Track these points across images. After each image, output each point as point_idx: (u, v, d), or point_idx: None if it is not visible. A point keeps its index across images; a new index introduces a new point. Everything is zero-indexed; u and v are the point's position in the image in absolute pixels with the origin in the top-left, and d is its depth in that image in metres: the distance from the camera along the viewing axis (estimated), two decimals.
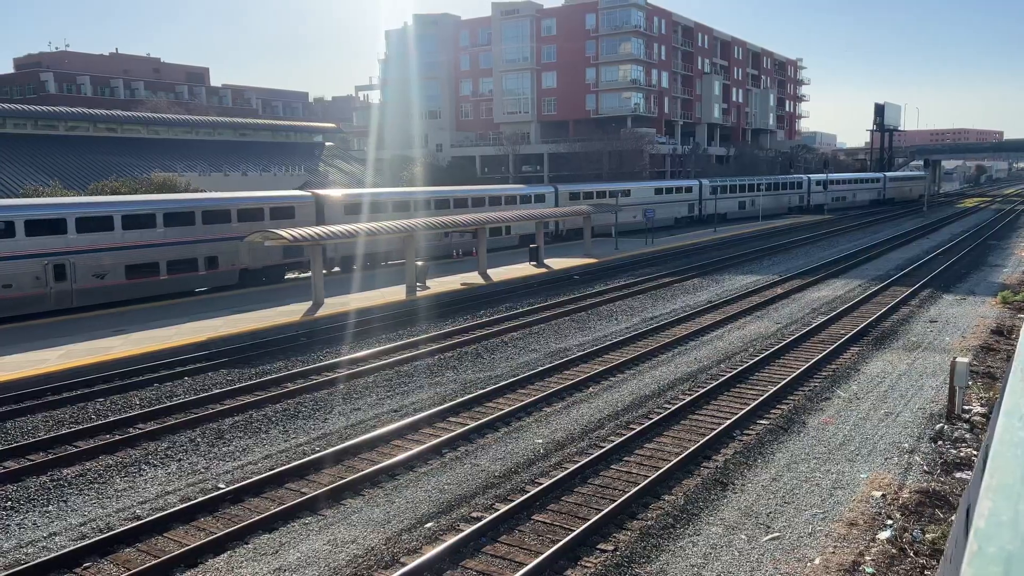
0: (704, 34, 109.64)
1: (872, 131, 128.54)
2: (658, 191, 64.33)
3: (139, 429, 16.47)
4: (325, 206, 39.17)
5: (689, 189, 69.19)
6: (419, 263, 34.20)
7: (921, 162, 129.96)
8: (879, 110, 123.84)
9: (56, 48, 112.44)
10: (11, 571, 10.48)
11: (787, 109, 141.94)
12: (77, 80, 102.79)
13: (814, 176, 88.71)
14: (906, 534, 11.29)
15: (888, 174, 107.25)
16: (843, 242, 54.26)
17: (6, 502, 13.01)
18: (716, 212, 67.29)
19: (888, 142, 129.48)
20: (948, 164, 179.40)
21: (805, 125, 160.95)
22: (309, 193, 40.19)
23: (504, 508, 12.19)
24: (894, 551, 10.82)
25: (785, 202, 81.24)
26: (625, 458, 14.48)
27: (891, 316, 27.39)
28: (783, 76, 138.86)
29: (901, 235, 58.38)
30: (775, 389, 18.11)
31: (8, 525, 12.21)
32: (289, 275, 39.16)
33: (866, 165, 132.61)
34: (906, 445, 14.98)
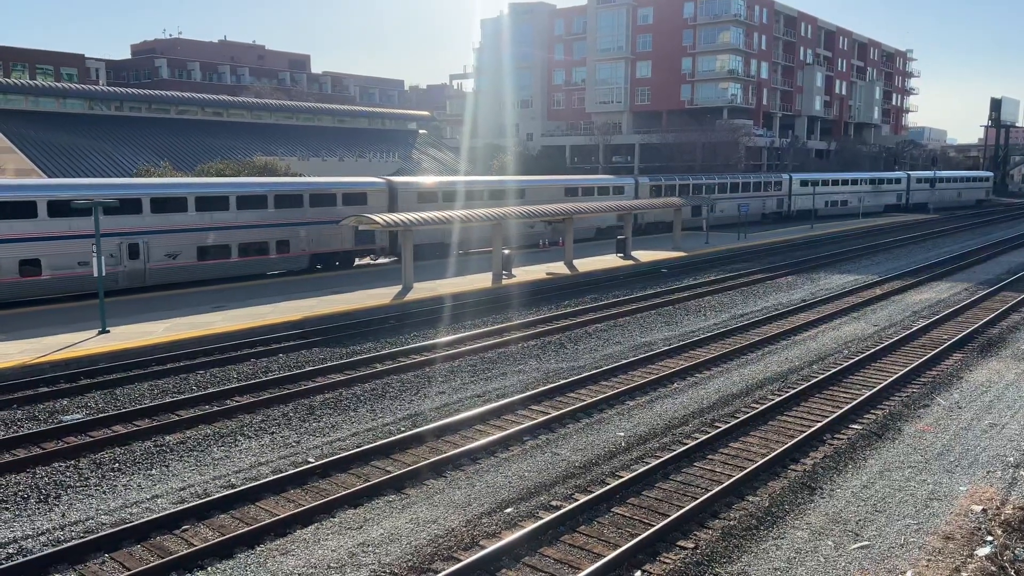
0: (807, 23, 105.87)
1: (987, 127, 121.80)
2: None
3: (236, 401, 17.21)
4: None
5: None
6: (506, 251, 34.40)
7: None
8: (995, 105, 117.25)
9: (169, 35, 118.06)
10: (118, 528, 11.16)
11: (894, 102, 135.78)
12: (188, 66, 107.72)
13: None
14: (1007, 552, 10.72)
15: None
16: (947, 243, 51.63)
17: (114, 464, 13.85)
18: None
19: (1004, 139, 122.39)
20: None
21: (913, 119, 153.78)
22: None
23: (584, 498, 12.20)
24: (993, 569, 10.30)
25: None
26: (709, 456, 14.24)
27: (1000, 323, 25.93)
28: (891, 68, 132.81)
29: (1014, 238, 55.13)
30: (870, 393, 17.44)
31: (116, 486, 12.99)
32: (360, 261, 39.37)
33: (979, 163, 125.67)
34: (1011, 459, 14.20)
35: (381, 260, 40.70)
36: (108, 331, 22.64)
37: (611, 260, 39.33)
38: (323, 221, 35.31)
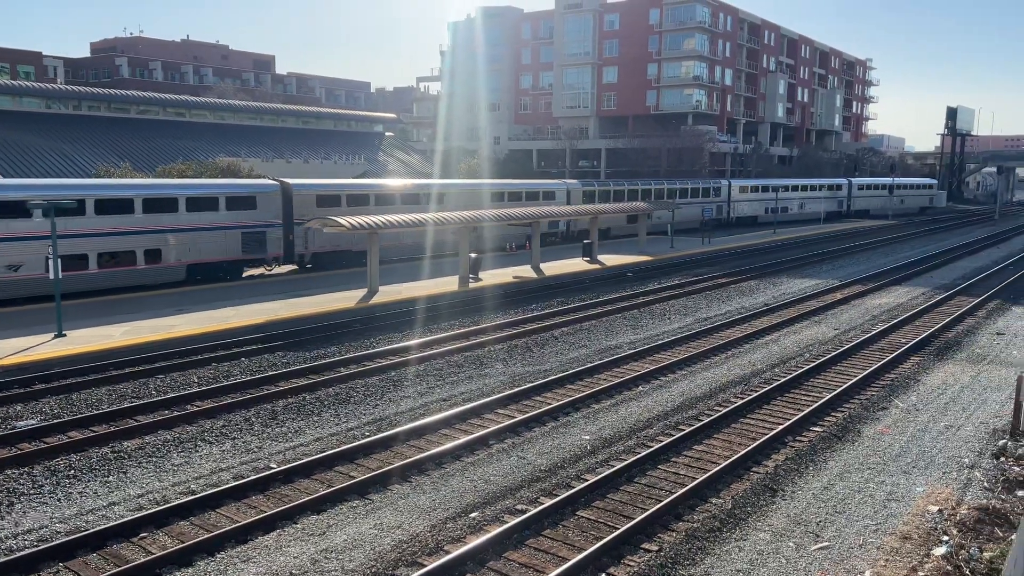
0: (771, 31, 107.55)
1: (943, 135, 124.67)
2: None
3: (196, 407, 16.92)
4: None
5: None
6: (473, 255, 34.34)
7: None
8: (951, 113, 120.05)
9: (131, 34, 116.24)
10: (72, 537, 10.89)
11: (854, 110, 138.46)
12: (149, 65, 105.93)
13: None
14: (962, 551, 10.94)
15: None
16: (905, 249, 52.73)
17: (70, 471, 13.52)
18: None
19: (960, 147, 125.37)
20: None
21: (873, 127, 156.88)
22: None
23: (549, 502, 12.20)
24: (949, 568, 10.51)
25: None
26: (673, 459, 14.34)
27: (955, 327, 26.53)
28: (851, 76, 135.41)
29: (970, 243, 56.48)
30: (830, 396, 17.71)
31: (71, 493, 12.69)
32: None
33: (935, 170, 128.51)
34: (966, 460, 14.51)
35: (277, 270, 36.31)
36: (65, 335, 22.13)
37: (577, 264, 39.49)
38: (202, 227, 32.08)
